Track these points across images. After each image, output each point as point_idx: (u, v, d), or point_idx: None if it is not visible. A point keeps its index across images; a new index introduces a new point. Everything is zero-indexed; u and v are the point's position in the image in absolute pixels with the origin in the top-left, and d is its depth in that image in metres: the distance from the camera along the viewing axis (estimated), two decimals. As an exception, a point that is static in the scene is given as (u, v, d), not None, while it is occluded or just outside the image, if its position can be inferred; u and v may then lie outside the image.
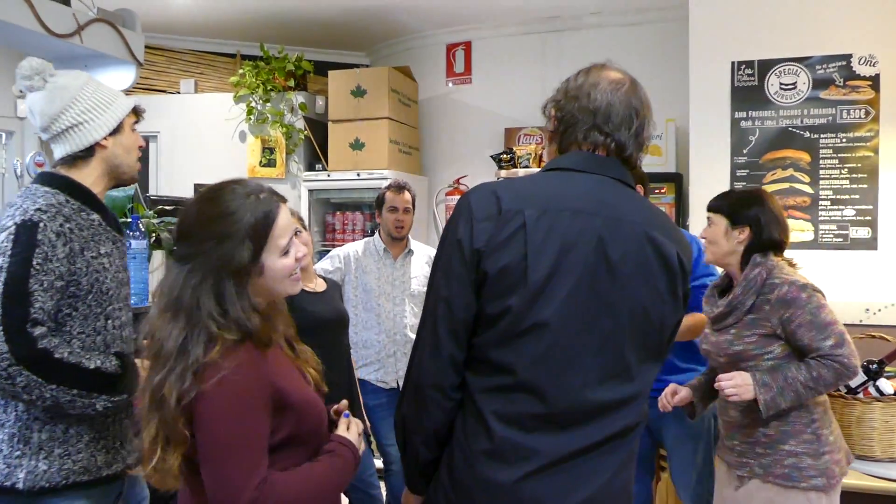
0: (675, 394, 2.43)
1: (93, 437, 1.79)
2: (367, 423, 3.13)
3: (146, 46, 3.94)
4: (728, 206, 2.29)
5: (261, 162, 5.35)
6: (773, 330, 2.17)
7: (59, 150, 1.86)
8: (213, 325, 1.38)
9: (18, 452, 1.71)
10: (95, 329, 1.80)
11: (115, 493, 1.87)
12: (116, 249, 1.89)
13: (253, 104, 5.29)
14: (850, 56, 3.66)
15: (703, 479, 2.78)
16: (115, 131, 1.88)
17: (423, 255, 3.63)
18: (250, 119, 5.32)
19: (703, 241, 2.38)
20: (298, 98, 5.32)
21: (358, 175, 5.06)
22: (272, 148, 5.34)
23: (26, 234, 1.67)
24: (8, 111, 5.44)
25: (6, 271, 1.64)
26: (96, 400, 1.71)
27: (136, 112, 1.96)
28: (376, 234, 3.63)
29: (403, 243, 3.59)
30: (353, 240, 4.70)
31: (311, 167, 5.38)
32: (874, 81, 3.63)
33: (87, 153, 1.86)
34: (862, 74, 3.65)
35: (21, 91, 1.87)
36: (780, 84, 3.76)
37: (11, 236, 1.67)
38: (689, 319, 2.67)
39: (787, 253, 2.34)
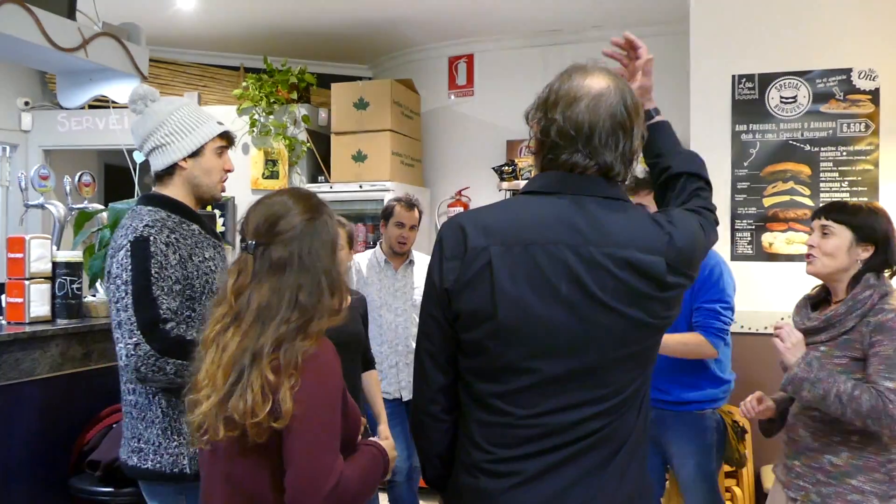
0: (760, 401, 2.25)
1: None
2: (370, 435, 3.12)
3: (150, 60, 3.97)
4: (856, 219, 2.11)
5: (264, 174, 5.37)
6: (864, 353, 2.02)
7: (152, 167, 2.11)
8: (325, 281, 1.51)
9: (176, 443, 1.96)
10: None
11: None
12: (218, 254, 2.10)
13: (256, 116, 5.32)
14: (850, 70, 3.68)
15: (711, 494, 2.76)
16: (195, 154, 2.07)
17: (424, 265, 3.63)
18: (253, 131, 5.34)
19: (811, 249, 2.18)
20: (301, 110, 5.35)
21: (360, 187, 5.08)
22: (275, 160, 5.36)
23: (140, 248, 1.91)
24: (12, 125, 5.47)
25: (132, 283, 1.89)
26: None
27: (226, 138, 2.14)
28: (378, 245, 3.64)
29: (405, 255, 3.60)
30: (355, 251, 4.71)
31: (313, 179, 5.40)
32: (874, 95, 3.64)
33: (169, 172, 2.08)
34: (862, 88, 3.66)
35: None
36: (781, 97, 3.78)
37: (128, 253, 1.91)
38: (685, 337, 2.66)
39: (787, 265, 2.28)
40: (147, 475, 2.00)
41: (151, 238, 1.93)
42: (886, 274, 2.12)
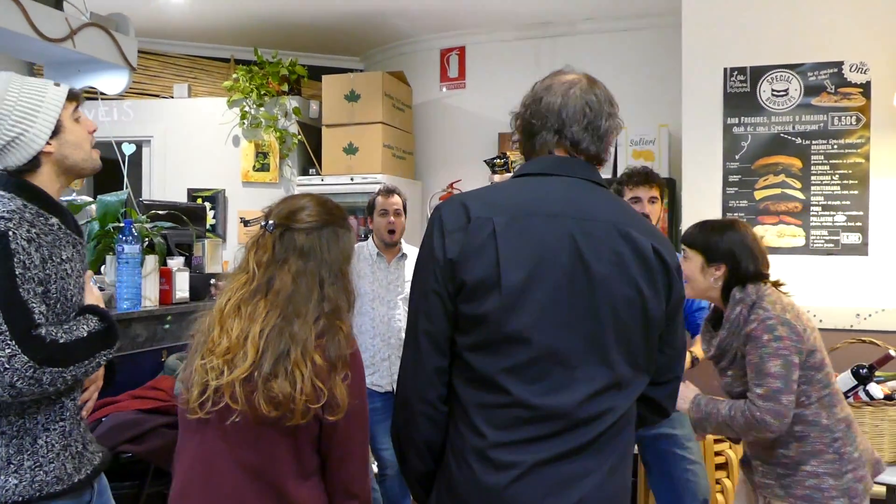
0: None
1: (63, 444, 1.73)
2: None
3: (139, 51, 3.93)
4: (702, 241, 2.21)
5: (254, 166, 5.35)
6: None
7: (6, 165, 1.73)
8: (342, 281, 1.61)
9: None
10: None
11: (85, 501, 1.80)
12: (77, 254, 1.79)
13: (247, 109, 5.29)
14: (841, 63, 3.69)
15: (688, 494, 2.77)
16: (56, 132, 1.72)
17: (416, 258, 3.63)
18: (244, 123, 5.31)
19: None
20: (292, 102, 5.32)
21: (352, 179, 5.06)
22: (266, 152, 5.33)
23: None
24: None
25: None
26: (98, 357, 1.72)
27: (74, 98, 1.78)
28: (370, 238, 3.63)
29: (396, 247, 3.59)
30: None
31: (304, 172, 5.38)
32: (865, 88, 3.65)
33: (34, 163, 1.72)
34: (853, 81, 3.67)
35: None
36: (773, 90, 3.78)
37: None
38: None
39: (778, 258, 2.32)
40: None
41: (10, 233, 1.59)
42: (752, 283, 2.15)
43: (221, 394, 1.49)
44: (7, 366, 1.55)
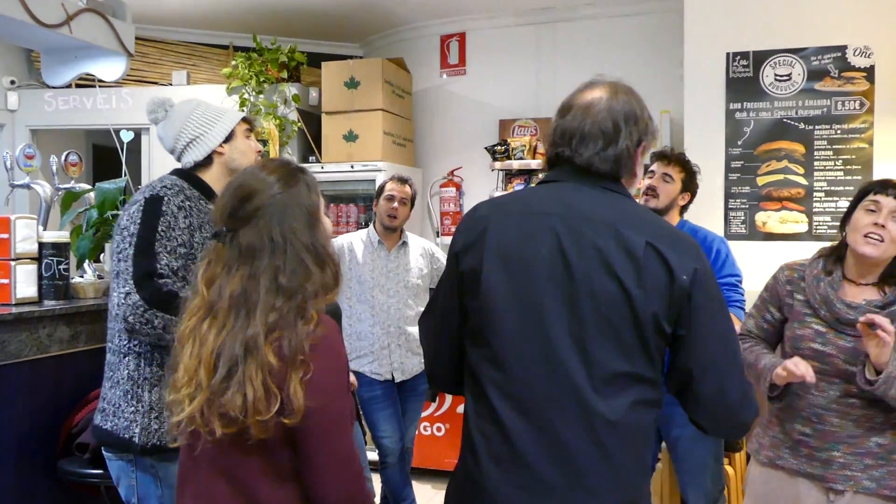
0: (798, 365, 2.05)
1: None
2: (361, 415, 3.11)
3: (137, 38, 3.90)
4: None
5: (254, 154, 5.32)
6: None
7: (186, 162, 2.19)
8: (308, 257, 1.42)
9: (132, 409, 1.99)
10: None
11: None
12: None
13: (246, 96, 5.26)
14: (845, 47, 3.65)
15: (716, 479, 2.74)
16: (229, 139, 2.20)
17: (417, 246, 3.62)
18: (243, 111, 5.28)
19: (879, 230, 2.10)
20: (292, 90, 5.29)
21: (352, 167, 5.04)
22: (265, 140, 5.30)
23: (152, 205, 2.00)
24: (-2, 103, 5.39)
25: (137, 235, 1.96)
26: None
27: (247, 122, 2.27)
28: (371, 225, 3.61)
29: (397, 235, 3.57)
30: (347, 232, 4.68)
31: (304, 159, 5.36)
32: (869, 73, 3.62)
33: (208, 160, 2.18)
34: (857, 66, 3.64)
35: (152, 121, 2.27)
36: (775, 75, 3.75)
37: (141, 207, 2.01)
38: None
39: (781, 245, 2.29)
40: (103, 436, 2.04)
41: (166, 198, 2.02)
42: None
43: (196, 424, 1.39)
44: (123, 301, 1.91)
